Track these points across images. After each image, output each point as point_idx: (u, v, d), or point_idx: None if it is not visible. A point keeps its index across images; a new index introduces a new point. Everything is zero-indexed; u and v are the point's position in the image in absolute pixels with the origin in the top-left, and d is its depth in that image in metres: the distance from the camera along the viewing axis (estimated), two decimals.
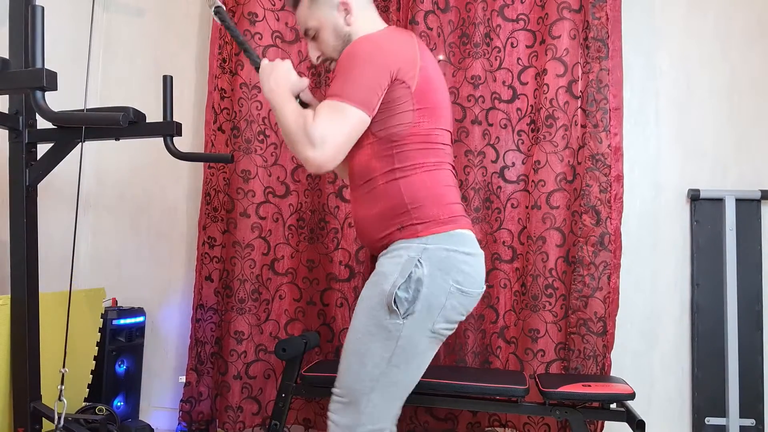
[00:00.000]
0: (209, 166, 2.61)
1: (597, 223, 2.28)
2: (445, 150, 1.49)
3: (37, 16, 1.49)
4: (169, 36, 2.90)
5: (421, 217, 1.41)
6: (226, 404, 2.51)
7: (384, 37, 1.44)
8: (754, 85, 2.45)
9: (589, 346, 2.26)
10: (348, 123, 1.34)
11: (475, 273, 1.43)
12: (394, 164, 1.42)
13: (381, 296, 1.37)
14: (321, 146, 1.32)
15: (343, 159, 1.40)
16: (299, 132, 1.35)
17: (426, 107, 1.43)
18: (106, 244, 2.89)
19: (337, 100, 1.35)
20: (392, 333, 1.36)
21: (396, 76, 1.38)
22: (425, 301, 1.36)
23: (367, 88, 1.35)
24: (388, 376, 1.37)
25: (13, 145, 1.97)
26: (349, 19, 1.52)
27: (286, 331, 2.55)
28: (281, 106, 1.41)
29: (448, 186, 1.47)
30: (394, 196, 1.42)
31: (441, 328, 1.40)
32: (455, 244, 1.40)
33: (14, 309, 1.96)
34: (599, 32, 2.32)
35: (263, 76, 1.48)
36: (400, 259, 1.39)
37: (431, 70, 1.46)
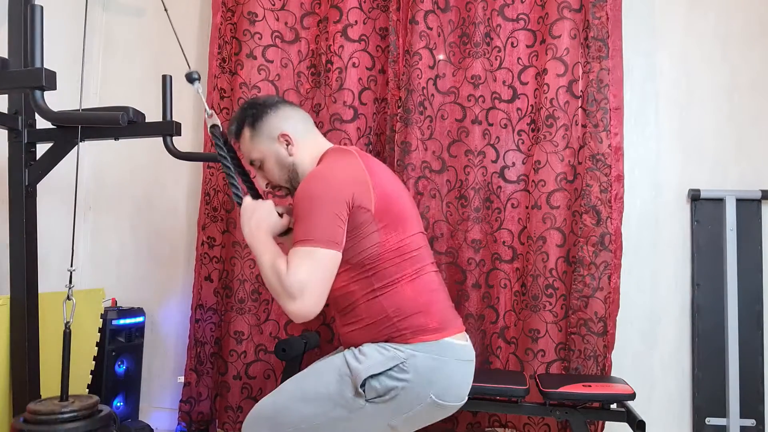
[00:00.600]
0: (209, 166, 2.61)
1: (597, 223, 2.28)
2: (420, 254, 1.47)
3: (37, 15, 1.49)
4: (169, 36, 2.89)
5: (410, 327, 1.39)
6: (225, 404, 2.51)
7: (329, 169, 1.45)
8: (754, 85, 2.45)
9: (590, 346, 2.26)
10: (321, 266, 1.33)
11: (461, 383, 1.42)
12: (373, 285, 1.42)
13: (354, 372, 1.36)
14: (301, 297, 1.31)
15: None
16: (277, 286, 1.34)
17: (389, 222, 1.42)
18: (105, 244, 2.89)
19: (306, 245, 1.34)
20: (350, 406, 1.36)
21: (353, 204, 1.38)
22: (395, 401, 1.35)
23: (329, 226, 1.35)
24: (322, 429, 1.37)
25: (12, 145, 1.97)
26: (291, 149, 1.54)
27: (286, 331, 2.55)
28: (259, 255, 1.41)
29: (433, 291, 1.46)
30: (377, 312, 1.41)
31: (398, 425, 1.39)
32: (445, 353, 1.39)
33: (14, 309, 1.96)
34: (599, 32, 2.32)
35: (244, 215, 1.48)
36: (386, 353, 1.37)
37: (384, 182, 1.46)
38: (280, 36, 2.60)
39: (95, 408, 1.74)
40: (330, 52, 2.51)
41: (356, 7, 2.50)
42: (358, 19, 2.50)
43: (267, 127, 1.55)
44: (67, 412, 1.66)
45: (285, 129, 1.55)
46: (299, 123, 1.58)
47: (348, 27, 2.49)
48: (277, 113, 1.56)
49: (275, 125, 1.55)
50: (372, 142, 2.53)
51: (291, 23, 2.60)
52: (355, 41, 2.50)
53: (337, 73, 2.49)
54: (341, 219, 1.36)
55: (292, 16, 2.60)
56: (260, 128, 1.55)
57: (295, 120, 1.58)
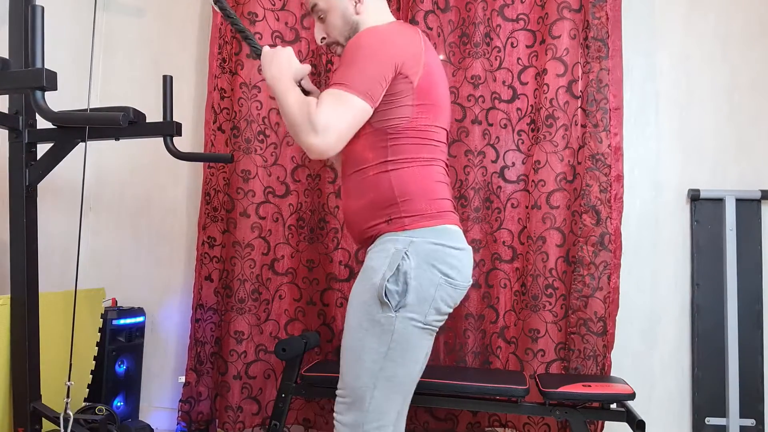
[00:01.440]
0: (209, 166, 2.61)
1: (597, 223, 2.28)
2: (439, 147, 1.49)
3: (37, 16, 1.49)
4: (169, 36, 2.90)
5: (409, 211, 1.41)
6: (225, 404, 2.51)
7: (391, 31, 1.44)
8: (754, 85, 2.45)
9: (589, 346, 2.26)
10: (351, 112, 1.35)
11: (461, 266, 1.43)
12: (387, 156, 1.43)
13: (372, 290, 1.37)
14: (324, 133, 1.32)
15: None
16: (303, 119, 1.34)
17: (425, 103, 1.43)
18: (105, 244, 2.89)
19: (341, 89, 1.35)
20: (385, 326, 1.37)
21: (400, 70, 1.39)
22: (415, 293, 1.36)
23: (371, 79, 1.36)
24: (387, 371, 1.37)
25: (13, 145, 1.97)
26: (359, 7, 1.52)
27: (286, 331, 2.55)
28: (284, 94, 1.41)
29: (439, 182, 1.47)
30: (384, 188, 1.42)
31: (432, 320, 1.40)
32: (442, 238, 1.41)
33: (14, 309, 1.95)
34: (599, 32, 2.32)
35: (265, 63, 1.47)
36: (387, 252, 1.39)
37: (434, 68, 1.47)
38: (281, 36, 2.60)
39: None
40: (330, 52, 2.51)
41: None
42: None
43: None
44: None
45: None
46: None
47: None
48: None
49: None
50: None
51: (291, 23, 2.60)
52: None
53: None
54: (384, 79, 1.37)
55: (292, 16, 2.60)
56: None
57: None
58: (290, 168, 2.59)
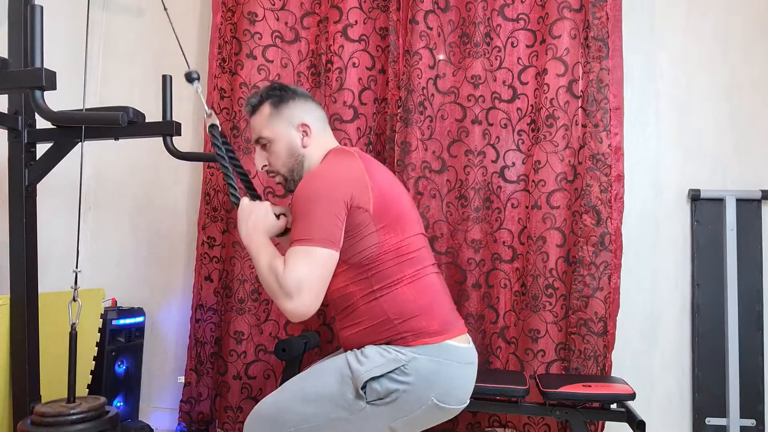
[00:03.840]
0: (209, 166, 2.61)
1: (597, 223, 2.28)
2: (420, 255, 1.47)
3: (37, 15, 1.49)
4: (169, 36, 2.89)
5: (410, 330, 1.39)
6: (225, 404, 2.51)
7: (329, 170, 1.45)
8: (754, 86, 2.45)
9: (590, 346, 2.26)
10: (318, 264, 1.34)
11: (462, 387, 1.42)
12: (372, 286, 1.41)
13: (355, 374, 1.36)
14: (298, 296, 1.31)
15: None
16: (274, 285, 1.34)
17: (388, 223, 1.42)
18: (105, 244, 2.89)
19: (303, 245, 1.34)
20: (351, 407, 1.35)
21: (351, 204, 1.38)
22: (396, 404, 1.35)
23: (327, 225, 1.35)
24: (320, 429, 1.37)
25: (12, 145, 1.97)
26: (306, 140, 1.55)
27: (286, 331, 2.55)
28: (256, 256, 1.41)
29: (434, 293, 1.46)
30: (378, 314, 1.41)
31: (399, 427, 1.39)
32: (447, 356, 1.39)
33: (14, 309, 1.95)
34: (600, 32, 2.32)
35: (241, 216, 1.48)
36: (388, 355, 1.37)
37: (383, 184, 1.46)
38: (280, 36, 2.60)
39: (103, 409, 1.74)
40: (330, 52, 2.51)
41: (356, 7, 2.50)
42: (358, 19, 2.50)
43: (290, 112, 1.56)
44: (75, 413, 1.66)
45: (307, 120, 1.56)
46: (319, 121, 1.60)
47: (348, 27, 2.49)
48: (305, 103, 1.58)
49: (299, 114, 1.56)
50: (372, 142, 2.53)
51: (291, 23, 2.60)
52: (355, 41, 2.50)
53: (337, 73, 2.49)
54: (339, 218, 1.37)
55: (292, 16, 2.60)
56: (283, 111, 1.56)
57: (316, 116, 1.60)
58: None
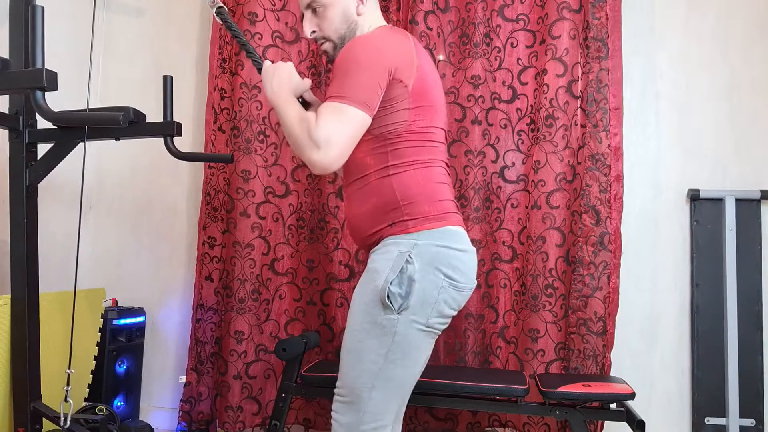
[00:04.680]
0: (209, 166, 2.61)
1: (597, 223, 2.28)
2: (439, 147, 1.49)
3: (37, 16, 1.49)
4: (169, 36, 2.90)
5: (412, 214, 1.41)
6: (226, 404, 2.51)
7: (381, 37, 1.45)
8: (754, 86, 2.45)
9: (589, 346, 2.26)
10: (350, 124, 1.35)
11: (466, 268, 1.43)
12: (388, 161, 1.43)
13: (374, 292, 1.37)
14: (325, 148, 1.33)
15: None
16: (303, 135, 1.35)
17: (422, 105, 1.44)
18: (106, 244, 2.89)
19: (339, 101, 1.36)
20: (387, 329, 1.37)
21: (394, 75, 1.39)
22: (418, 296, 1.36)
23: (367, 89, 1.36)
24: (386, 372, 1.37)
25: (13, 145, 1.97)
26: (360, 8, 1.53)
27: (286, 331, 2.55)
28: (284, 110, 1.42)
29: (441, 183, 1.48)
30: (386, 192, 1.43)
31: (435, 323, 1.40)
32: (446, 240, 1.41)
33: (14, 309, 1.96)
34: (599, 32, 2.32)
35: (266, 78, 1.48)
36: (391, 255, 1.39)
37: (427, 69, 1.47)
38: (281, 36, 2.60)
39: None
40: None
41: None
42: None
43: None
44: None
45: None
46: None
47: None
48: None
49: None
50: None
51: (291, 23, 2.60)
52: None
53: None
54: (380, 86, 1.38)
55: (293, 16, 2.60)
56: None
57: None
58: (290, 168, 2.59)
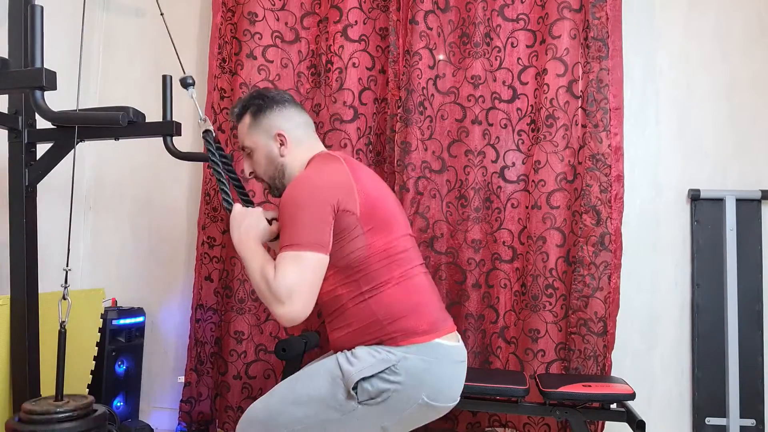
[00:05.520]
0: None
1: (597, 223, 2.28)
2: (408, 255, 1.48)
3: (37, 15, 1.49)
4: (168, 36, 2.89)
5: (400, 330, 1.40)
6: (225, 404, 2.51)
7: (315, 174, 1.46)
8: (754, 85, 2.45)
9: (590, 346, 2.26)
10: (308, 269, 1.35)
11: (451, 384, 1.42)
12: (361, 287, 1.42)
13: (346, 375, 1.37)
14: (289, 301, 1.32)
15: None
16: (266, 292, 1.35)
17: (375, 225, 1.43)
18: (105, 244, 2.89)
19: (292, 250, 1.35)
20: (343, 408, 1.36)
21: (338, 207, 1.39)
22: (387, 403, 1.36)
23: (315, 229, 1.36)
24: (310, 429, 1.38)
25: (12, 145, 1.97)
26: (283, 150, 1.56)
27: (286, 331, 2.55)
28: (248, 262, 1.42)
29: (422, 292, 1.46)
30: (367, 315, 1.42)
31: (390, 426, 1.39)
32: (436, 355, 1.40)
33: (14, 309, 1.95)
34: (599, 32, 2.32)
35: (233, 222, 1.49)
36: (378, 355, 1.38)
37: (369, 187, 1.47)
38: (281, 36, 2.60)
39: (90, 408, 1.74)
40: (330, 52, 2.51)
41: (356, 7, 2.50)
42: (358, 19, 2.50)
43: (267, 121, 1.57)
44: (61, 411, 1.67)
45: (283, 129, 1.56)
46: (299, 127, 1.60)
47: (348, 27, 2.49)
48: (281, 112, 1.58)
49: (275, 123, 1.57)
50: (372, 142, 2.53)
51: (291, 23, 2.60)
52: (355, 41, 2.50)
53: (337, 73, 2.49)
54: (327, 223, 1.38)
55: (292, 16, 2.60)
56: (260, 121, 1.57)
57: (296, 123, 1.60)
58: None
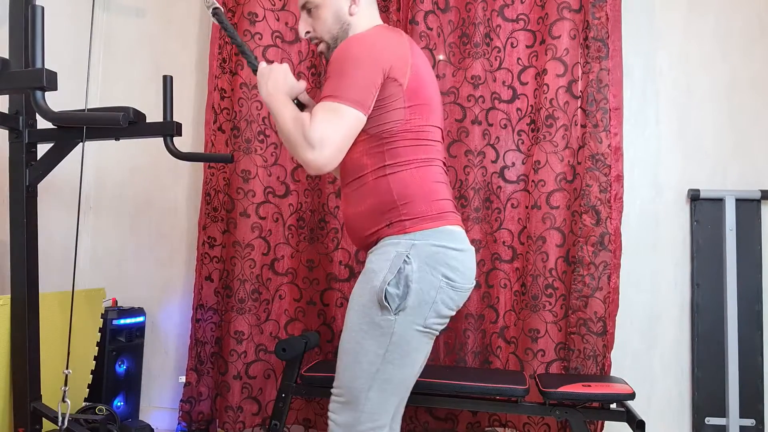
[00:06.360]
0: (209, 166, 2.61)
1: (597, 223, 2.28)
2: (435, 146, 1.49)
3: (37, 16, 1.49)
4: (169, 36, 2.90)
5: (410, 214, 1.41)
6: (226, 404, 2.51)
7: (376, 36, 1.44)
8: (754, 85, 2.45)
9: (589, 346, 2.26)
10: (345, 123, 1.35)
11: (464, 268, 1.42)
12: (384, 161, 1.43)
13: (372, 293, 1.37)
14: (320, 148, 1.32)
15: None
16: (298, 135, 1.35)
17: (417, 104, 1.43)
18: (106, 244, 2.89)
19: (333, 101, 1.35)
20: (385, 329, 1.36)
21: (388, 74, 1.39)
22: (416, 296, 1.36)
23: (361, 88, 1.36)
24: (384, 373, 1.37)
25: (13, 145, 1.97)
26: (353, 8, 1.52)
27: (286, 331, 2.55)
28: (279, 111, 1.41)
29: (438, 182, 1.47)
30: (383, 192, 1.42)
31: (433, 323, 1.40)
32: (443, 240, 1.40)
33: (14, 309, 1.96)
34: (599, 32, 2.32)
35: (261, 79, 1.48)
36: (388, 255, 1.39)
37: (422, 68, 1.47)
38: (281, 36, 2.60)
39: None
40: None
41: None
42: None
43: None
44: None
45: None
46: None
47: None
48: None
49: None
50: None
51: (291, 23, 2.60)
52: None
53: None
54: (374, 85, 1.37)
55: (292, 16, 2.60)
56: None
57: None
58: (290, 168, 2.59)
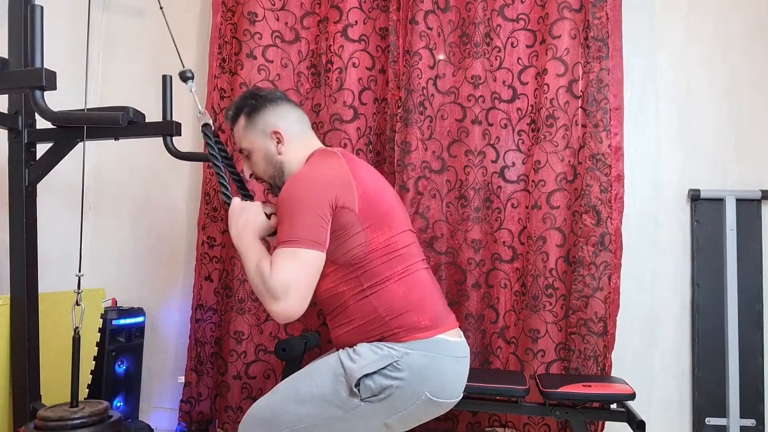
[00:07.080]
0: (209, 166, 2.61)
1: (597, 223, 2.28)
2: (409, 251, 1.47)
3: (37, 15, 1.49)
4: (169, 36, 2.89)
5: (403, 326, 1.39)
6: (225, 404, 2.51)
7: (314, 171, 1.45)
8: (754, 85, 2.45)
9: (590, 346, 2.26)
10: (305, 266, 1.34)
11: (455, 381, 1.42)
12: (362, 284, 1.41)
13: (348, 372, 1.36)
14: (284, 297, 1.32)
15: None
16: (261, 286, 1.34)
17: (375, 222, 1.42)
18: (105, 244, 2.89)
19: (289, 246, 1.35)
20: (346, 405, 1.35)
21: (336, 204, 1.39)
22: (390, 400, 1.35)
23: (313, 226, 1.35)
24: (315, 429, 1.37)
25: (12, 145, 1.97)
26: (281, 148, 1.55)
27: (286, 331, 2.55)
28: (245, 256, 1.42)
29: (424, 288, 1.46)
30: (369, 312, 1.41)
31: (393, 423, 1.39)
32: (439, 350, 1.39)
33: (14, 309, 1.95)
34: (600, 32, 2.32)
35: (232, 216, 1.49)
36: (380, 351, 1.37)
37: (368, 181, 1.46)
38: (280, 36, 2.60)
39: (105, 413, 1.74)
40: (330, 52, 2.51)
41: (356, 7, 2.50)
42: (358, 19, 2.50)
43: (262, 120, 1.57)
44: (77, 417, 1.66)
45: (279, 127, 1.56)
46: (295, 123, 1.59)
47: (348, 27, 2.49)
48: (275, 109, 1.58)
49: (270, 121, 1.56)
50: (372, 142, 2.53)
51: (291, 23, 2.60)
52: (355, 41, 2.50)
53: (337, 73, 2.49)
54: (324, 219, 1.37)
55: (292, 16, 2.60)
56: (255, 120, 1.57)
57: (292, 119, 1.59)
58: None
